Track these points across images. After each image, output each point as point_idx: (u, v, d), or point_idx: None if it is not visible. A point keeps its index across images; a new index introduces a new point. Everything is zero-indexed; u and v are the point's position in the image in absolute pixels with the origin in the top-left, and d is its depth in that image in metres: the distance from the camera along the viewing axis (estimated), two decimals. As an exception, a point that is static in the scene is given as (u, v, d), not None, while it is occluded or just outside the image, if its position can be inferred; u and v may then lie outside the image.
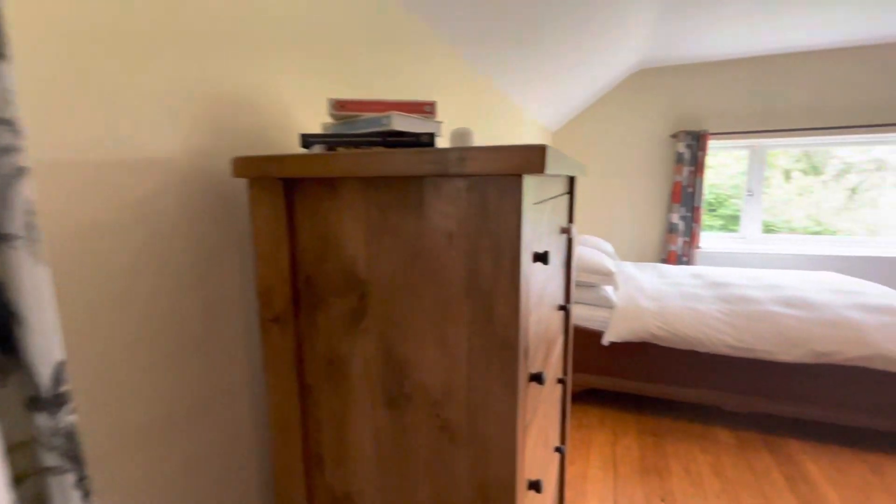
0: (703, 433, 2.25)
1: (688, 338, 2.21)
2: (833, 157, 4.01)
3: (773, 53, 3.77)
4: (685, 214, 4.06)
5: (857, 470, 1.96)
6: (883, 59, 3.54)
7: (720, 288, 2.73)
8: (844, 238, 3.95)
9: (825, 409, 2.13)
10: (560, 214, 1.25)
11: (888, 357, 1.95)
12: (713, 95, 4.00)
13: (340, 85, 1.13)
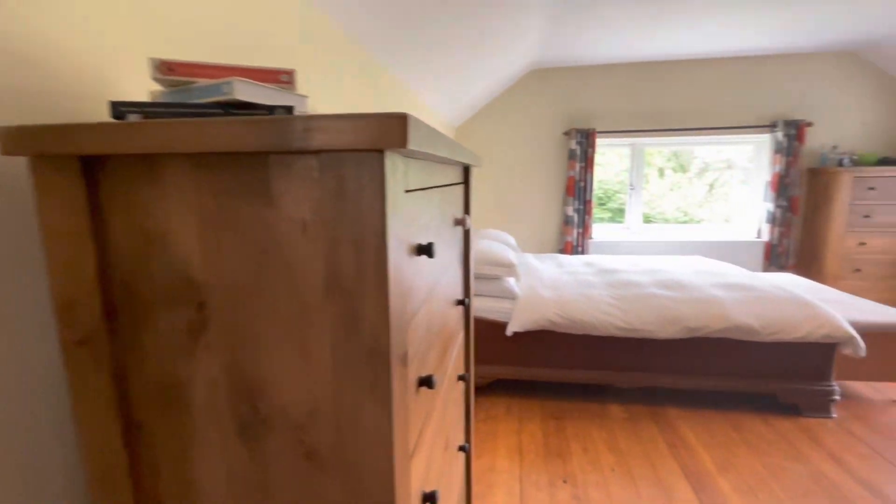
0: (600, 411, 2.40)
1: (583, 323, 2.33)
2: (695, 157, 4.57)
3: (650, 60, 4.17)
4: (578, 207, 4.34)
5: (723, 429, 2.22)
6: (731, 71, 4.10)
7: (609, 275, 2.94)
8: (706, 226, 4.53)
9: (697, 378, 2.39)
10: (455, 205, 1.20)
11: (742, 328, 2.23)
12: (600, 96, 4.32)
13: (194, 51, 0.95)
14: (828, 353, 2.26)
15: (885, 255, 3.72)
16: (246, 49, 1.19)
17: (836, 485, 1.81)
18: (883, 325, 2.34)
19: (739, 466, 1.93)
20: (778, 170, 4.01)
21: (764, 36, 3.51)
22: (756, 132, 4.14)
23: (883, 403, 2.45)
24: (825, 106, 4.04)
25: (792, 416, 2.32)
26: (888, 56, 3.76)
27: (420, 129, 0.48)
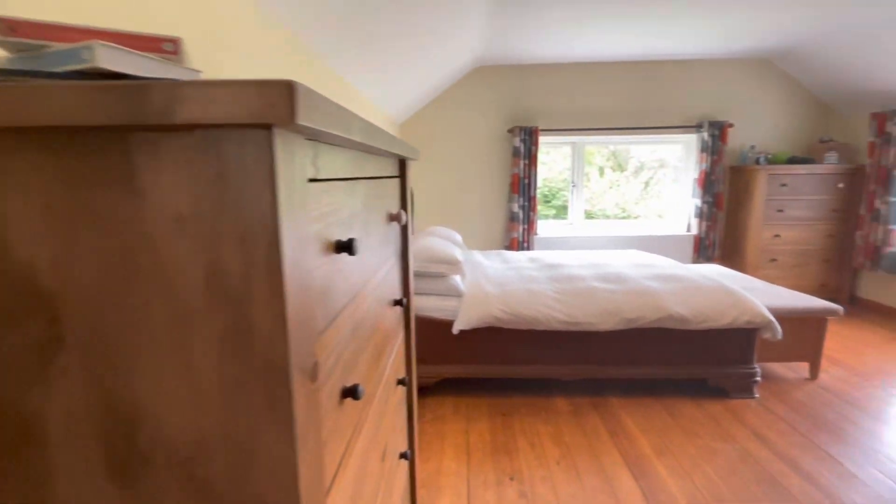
0: (546, 405, 2.42)
1: (527, 318, 2.33)
2: (632, 156, 4.79)
3: (589, 61, 4.30)
4: (523, 204, 4.39)
5: (659, 415, 2.31)
6: (662, 73, 4.31)
7: (553, 269, 2.98)
8: (642, 221, 4.76)
9: (635, 367, 2.47)
10: (389, 200, 1.13)
11: (675, 317, 2.33)
12: (543, 95, 4.40)
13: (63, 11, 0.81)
14: (750, 338, 2.42)
15: (795, 245, 4.07)
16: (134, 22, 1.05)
17: (760, 462, 1.93)
18: (795, 310, 2.54)
19: (675, 450, 2.02)
20: (704, 168, 4.28)
21: (689, 41, 3.72)
22: (684, 132, 4.39)
23: (797, 381, 2.66)
24: (744, 108, 4.36)
25: (720, 399, 2.46)
26: (796, 63, 4.12)
27: (317, 102, 0.41)
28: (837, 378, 2.69)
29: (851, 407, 2.37)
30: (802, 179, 3.98)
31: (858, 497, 1.72)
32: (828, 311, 2.55)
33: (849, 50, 3.57)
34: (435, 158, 4.52)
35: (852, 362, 2.91)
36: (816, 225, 4.04)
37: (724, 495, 1.73)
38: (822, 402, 2.43)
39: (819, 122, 4.40)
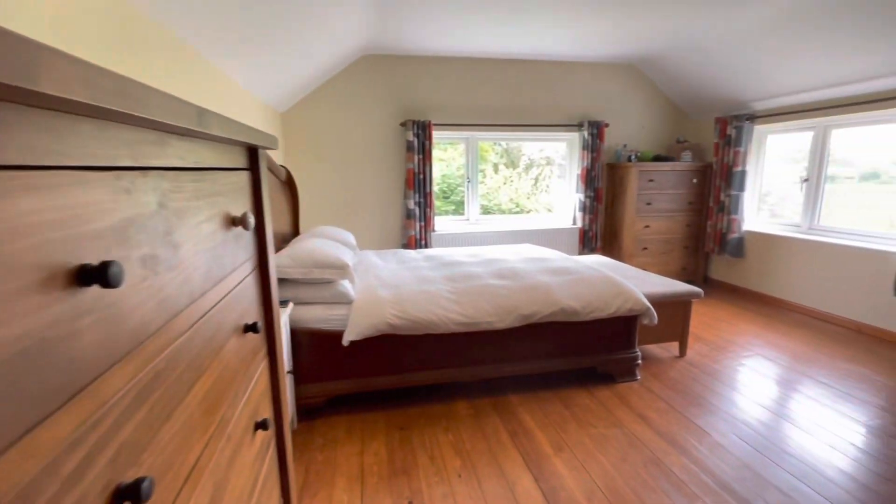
0: (446, 411, 2.31)
1: (423, 322, 2.19)
2: (523, 153, 4.94)
3: (480, 57, 4.29)
4: (420, 200, 4.27)
5: (555, 407, 2.34)
6: (547, 73, 4.49)
7: (449, 268, 2.89)
8: (534, 216, 4.94)
9: (532, 362, 2.48)
10: (230, 199, 0.88)
11: (567, 310, 2.38)
12: (436, 89, 4.30)
13: None
14: (632, 325, 2.57)
15: (662, 234, 4.54)
16: None
17: (645, 443, 2.03)
18: (665, 295, 2.77)
19: (571, 443, 2.04)
20: (586, 165, 4.56)
21: (568, 44, 3.90)
22: (567, 131, 4.64)
23: (670, 360, 2.91)
24: (617, 109, 4.74)
25: (609, 384, 2.58)
26: (656, 71, 4.57)
27: None
28: (700, 353, 3.01)
29: (713, 379, 2.65)
30: (665, 175, 4.44)
31: (725, 465, 1.88)
32: (692, 294, 2.82)
33: (695, 62, 4.04)
34: (324, 152, 4.18)
35: (711, 337, 3.29)
36: (677, 216, 4.55)
37: (617, 485, 1.77)
38: (691, 376, 2.68)
39: (676, 124, 4.96)
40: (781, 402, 2.40)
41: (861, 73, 3.16)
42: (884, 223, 3.45)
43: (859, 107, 3.35)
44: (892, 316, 3.20)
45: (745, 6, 3.01)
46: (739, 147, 4.18)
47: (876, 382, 2.59)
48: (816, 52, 3.20)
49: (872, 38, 2.84)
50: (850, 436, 2.08)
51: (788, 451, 1.97)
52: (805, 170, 3.89)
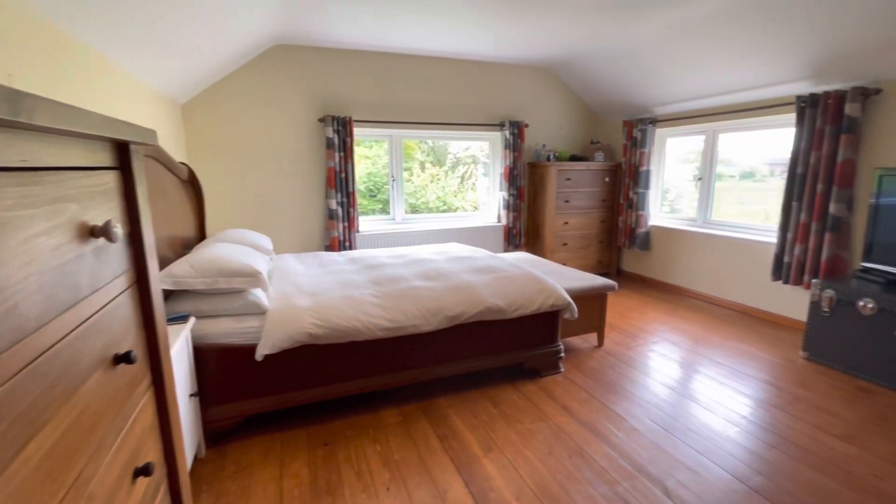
0: (373, 421, 2.22)
1: (347, 330, 2.08)
2: (449, 152, 4.94)
3: (401, 52, 4.19)
4: (342, 200, 4.09)
5: (484, 407, 2.35)
6: (470, 72, 4.52)
7: (374, 270, 2.79)
8: (461, 214, 4.96)
9: (460, 363, 2.46)
10: (92, 205, 0.73)
11: (493, 309, 2.39)
12: (356, 84, 4.13)
13: None
14: (554, 320, 2.66)
15: (580, 231, 4.79)
16: None
17: (569, 434, 2.10)
18: (584, 289, 2.90)
19: (499, 442, 2.04)
20: (508, 164, 4.67)
21: (488, 44, 3.95)
22: (490, 130, 4.71)
23: (589, 350, 3.06)
24: (536, 110, 4.90)
25: (534, 379, 2.64)
26: (570, 75, 4.80)
27: None
28: (616, 342, 3.20)
29: (627, 366, 2.82)
30: (581, 174, 4.68)
31: (640, 448, 2.00)
32: (607, 287, 2.98)
33: (605, 68, 4.30)
34: (235, 148, 3.84)
35: (624, 326, 3.52)
36: (593, 213, 4.82)
37: (544, 480, 1.79)
38: (608, 365, 2.83)
39: (590, 126, 5.25)
40: (685, 382, 2.61)
41: (744, 84, 3.54)
42: (759, 217, 3.92)
43: (741, 114, 3.76)
44: (770, 299, 3.64)
45: (642, 20, 3.24)
46: (644, 148, 4.52)
47: (760, 359, 2.92)
48: (707, 64, 3.54)
49: (753, 54, 3.20)
50: (742, 409, 2.31)
51: (693, 429, 2.14)
52: (698, 169, 4.30)
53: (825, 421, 2.20)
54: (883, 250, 2.72)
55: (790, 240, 3.32)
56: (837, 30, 2.69)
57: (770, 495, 1.70)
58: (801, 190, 3.23)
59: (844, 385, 2.56)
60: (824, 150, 3.05)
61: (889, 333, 2.49)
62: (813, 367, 2.79)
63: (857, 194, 3.01)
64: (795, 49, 2.97)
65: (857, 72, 2.89)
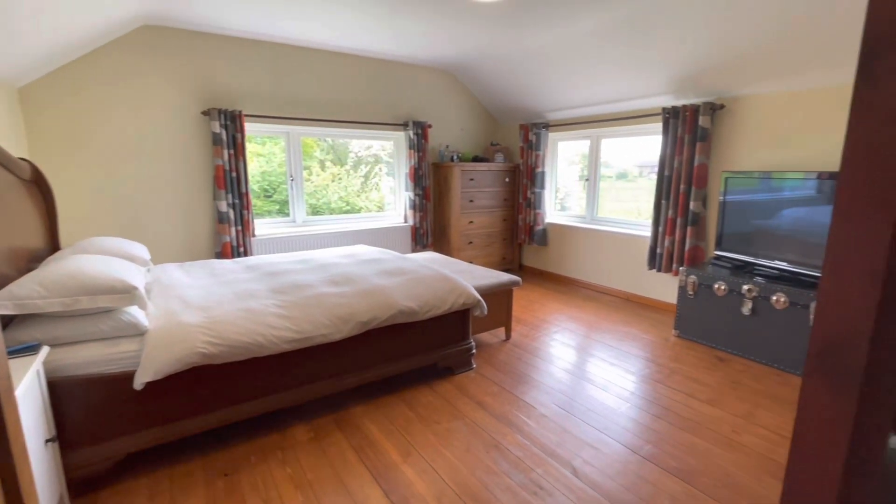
0: (281, 441, 2.05)
1: (246, 346, 1.89)
2: (350, 151, 4.77)
3: (298, 45, 3.94)
4: (234, 201, 3.74)
5: (400, 411, 2.31)
6: (372, 70, 4.41)
7: (275, 278, 2.59)
8: (365, 215, 4.84)
9: (373, 369, 2.39)
10: None
11: (405, 311, 2.36)
12: (245, 75, 3.79)
13: None
14: (465, 318, 2.71)
15: (484, 229, 4.97)
16: None
17: (485, 429, 2.15)
18: (492, 286, 3.01)
19: (418, 446, 2.02)
20: (413, 164, 4.67)
21: (387, 41, 3.90)
22: (394, 129, 4.67)
23: (498, 344, 3.18)
24: (438, 111, 4.97)
25: (448, 377, 2.67)
26: (470, 78, 4.95)
27: None
28: (522, 334, 3.37)
29: (532, 356, 2.99)
30: (483, 175, 4.85)
31: (549, 434, 2.12)
32: (512, 282, 3.12)
33: (501, 74, 4.51)
34: (94, 143, 3.28)
35: (528, 318, 3.73)
36: (495, 211, 5.03)
37: (464, 478, 1.81)
38: (516, 357, 2.97)
39: (490, 128, 5.47)
40: (582, 366, 2.84)
41: (623, 95, 3.96)
42: (633, 213, 4.44)
43: (620, 121, 4.21)
44: (647, 286, 4.13)
45: (536, 31, 3.45)
46: (539, 151, 4.83)
47: (642, 339, 3.29)
48: (593, 76, 3.89)
49: (630, 69, 3.58)
50: (630, 385, 2.58)
51: (592, 409, 2.34)
52: (584, 170, 4.73)
53: (695, 389, 2.55)
54: (730, 240, 3.24)
55: (661, 233, 3.80)
56: (690, 51, 3.14)
57: (658, 461, 1.92)
58: (668, 190, 3.71)
59: (707, 356, 3.00)
60: (684, 156, 3.53)
61: (737, 310, 2.97)
62: (683, 343, 3.22)
63: (709, 193, 3.55)
64: (661, 66, 3.40)
65: (707, 89, 3.40)
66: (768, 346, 2.83)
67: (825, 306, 0.54)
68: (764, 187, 3.03)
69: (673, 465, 1.90)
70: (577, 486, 1.77)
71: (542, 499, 1.70)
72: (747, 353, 2.95)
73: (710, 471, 1.86)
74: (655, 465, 1.90)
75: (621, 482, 1.79)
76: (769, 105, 3.16)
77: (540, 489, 1.75)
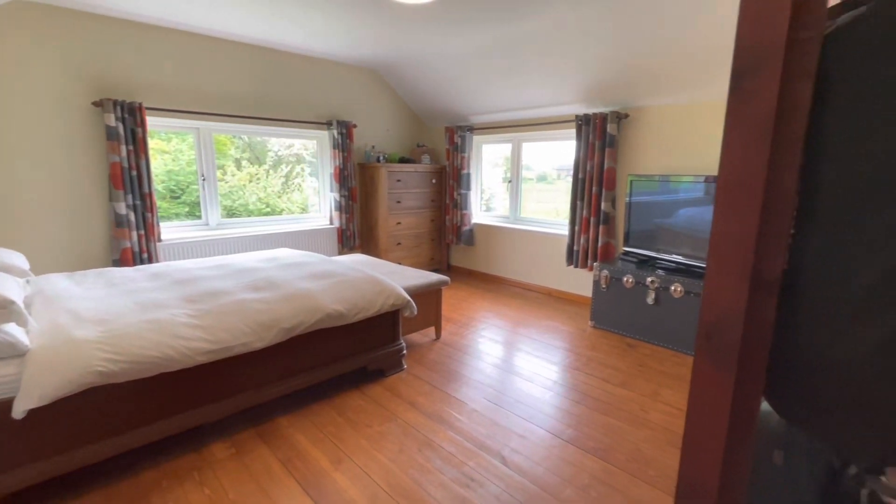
0: (198, 461, 1.90)
1: (154, 361, 1.72)
2: (269, 149, 4.53)
3: (210, 35, 3.66)
4: (135, 203, 3.38)
5: (330, 418, 2.24)
6: (292, 66, 4.22)
7: (186, 286, 2.39)
8: (287, 217, 4.63)
9: (299, 376, 2.30)
10: None
11: (333, 315, 2.30)
12: (147, 64, 3.45)
13: None
14: (395, 319, 2.70)
15: (413, 230, 4.98)
16: None
17: (417, 428, 2.16)
18: (421, 286, 3.03)
19: (349, 451, 1.98)
20: (338, 164, 4.55)
21: (312, 38, 3.76)
22: (317, 128, 4.51)
23: (429, 344, 3.21)
24: (363, 111, 4.89)
25: (379, 380, 2.64)
26: (395, 78, 4.93)
27: None
28: (451, 332, 3.43)
29: (462, 353, 3.06)
30: (410, 176, 4.87)
31: (480, 427, 2.19)
32: (441, 282, 3.17)
33: (425, 76, 4.56)
34: (-50, 134, 2.79)
35: (457, 317, 3.80)
36: (423, 212, 5.06)
37: (397, 479, 1.81)
38: (446, 355, 3.02)
39: (416, 129, 5.49)
40: (509, 360, 2.96)
41: (542, 102, 4.18)
42: (552, 213, 4.72)
43: (539, 126, 4.44)
44: (566, 281, 4.41)
45: (462, 35, 3.54)
46: (464, 153, 4.95)
47: (563, 331, 3.51)
48: (515, 82, 4.07)
49: (549, 77, 3.80)
50: (552, 375, 2.74)
51: (519, 400, 2.45)
52: (507, 173, 4.93)
53: (609, 374, 2.77)
54: (636, 237, 3.57)
55: (577, 232, 4.08)
56: (599, 64, 3.41)
57: (579, 443, 2.07)
58: (582, 191, 3.99)
59: (619, 343, 3.28)
60: (595, 160, 3.82)
61: (643, 300, 3.28)
62: (598, 333, 3.49)
63: (618, 195, 3.87)
64: (575, 76, 3.65)
65: (613, 99, 3.71)
66: (669, 331, 3.16)
67: (709, 293, 0.63)
68: (663, 189, 3.38)
69: (591, 445, 2.05)
70: (507, 474, 1.85)
71: (474, 490, 1.75)
72: (653, 339, 3.26)
73: (623, 447, 2.04)
74: (576, 447, 2.04)
75: (547, 466, 1.90)
76: (664, 116, 3.53)
77: (472, 481, 1.80)
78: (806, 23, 0.53)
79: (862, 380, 0.56)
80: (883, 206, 0.53)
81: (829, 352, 0.59)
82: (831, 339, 0.59)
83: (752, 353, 0.62)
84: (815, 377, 0.61)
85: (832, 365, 0.59)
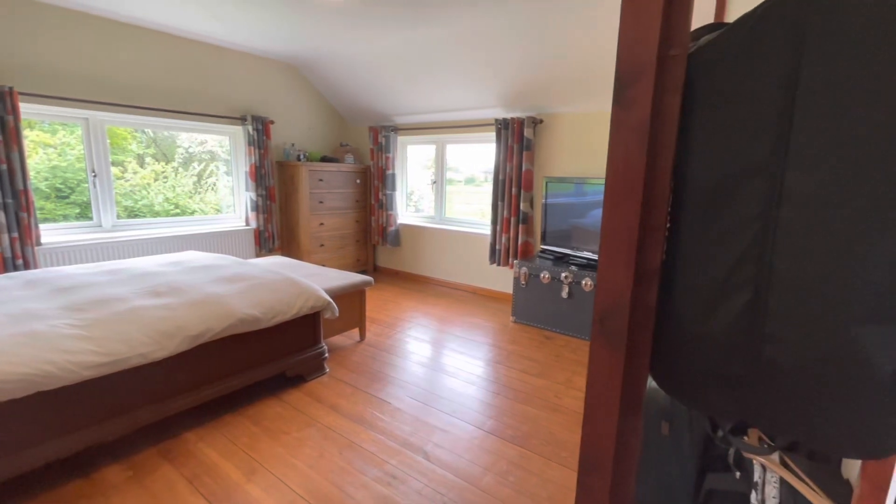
0: (88, 488, 1.69)
1: (28, 378, 1.51)
2: (179, 145, 4.16)
3: (96, 13, 3.27)
4: (7, 202, 2.94)
5: (244, 428, 2.12)
6: (202, 56, 3.92)
7: (68, 294, 2.12)
8: (199, 218, 4.28)
9: (208, 387, 2.14)
10: None
11: (246, 320, 2.17)
12: (18, 42, 3.01)
13: None
14: (315, 321, 2.62)
15: (336, 231, 4.85)
16: None
17: (339, 431, 2.11)
18: (343, 287, 2.97)
19: (264, 461, 1.88)
20: (254, 161, 4.30)
21: (222, 27, 3.53)
22: (230, 123, 4.23)
23: (353, 346, 3.15)
24: (281, 107, 4.68)
25: (299, 385, 2.54)
26: (315, 75, 4.78)
27: None
28: (376, 334, 3.40)
29: (388, 353, 3.04)
30: (334, 176, 4.74)
31: (403, 425, 2.19)
32: (365, 283, 3.12)
33: (346, 74, 4.47)
34: None
35: (382, 317, 3.77)
36: (348, 213, 4.96)
37: (317, 484, 1.75)
38: (370, 356, 2.98)
39: (339, 128, 5.36)
40: (435, 358, 3.00)
41: (465, 105, 4.29)
42: (478, 214, 4.86)
43: (462, 129, 4.55)
44: (490, 279, 4.56)
45: (385, 33, 3.52)
46: (389, 153, 4.92)
47: (486, 327, 3.63)
48: (438, 84, 4.12)
49: (471, 80, 3.90)
50: (476, 370, 2.83)
51: (443, 396, 2.49)
52: (433, 174, 4.99)
53: (527, 366, 2.92)
54: (551, 236, 3.79)
55: (499, 231, 4.24)
56: (515, 70, 3.58)
57: (499, 432, 2.15)
58: (502, 192, 4.16)
59: (537, 336, 3.46)
60: (514, 163, 4.00)
61: (558, 294, 3.49)
62: (518, 327, 3.65)
63: (535, 195, 4.08)
64: (495, 81, 3.79)
65: (529, 105, 3.91)
66: (582, 322, 3.39)
67: (601, 283, 0.70)
68: (577, 191, 3.63)
69: (510, 433, 2.15)
70: (429, 468, 1.87)
71: (396, 487, 1.75)
72: (567, 330, 3.49)
73: (539, 433, 2.16)
74: (496, 436, 2.12)
75: (468, 457, 1.95)
76: (574, 122, 3.80)
77: (394, 479, 1.80)
78: (673, 42, 0.61)
79: (718, 351, 0.66)
80: (728, 203, 0.62)
81: (694, 328, 0.67)
82: (695, 318, 0.68)
83: (638, 334, 0.70)
84: (683, 351, 0.70)
85: (696, 339, 0.68)
